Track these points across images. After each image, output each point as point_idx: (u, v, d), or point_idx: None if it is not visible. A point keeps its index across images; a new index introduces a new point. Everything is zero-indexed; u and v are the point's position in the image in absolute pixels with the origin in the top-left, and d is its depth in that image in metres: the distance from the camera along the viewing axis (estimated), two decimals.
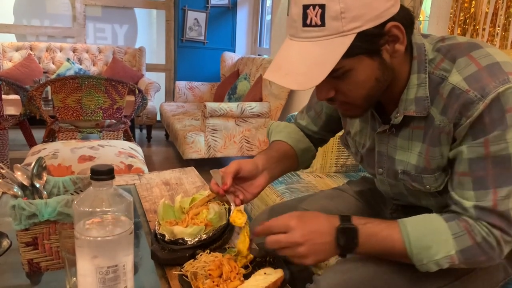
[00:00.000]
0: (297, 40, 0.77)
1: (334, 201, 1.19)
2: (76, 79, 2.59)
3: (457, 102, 0.77)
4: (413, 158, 0.89)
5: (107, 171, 0.63)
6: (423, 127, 0.86)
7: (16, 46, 4.52)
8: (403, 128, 0.89)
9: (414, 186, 0.92)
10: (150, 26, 5.26)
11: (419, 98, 0.83)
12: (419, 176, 0.89)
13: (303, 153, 1.14)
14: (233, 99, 3.82)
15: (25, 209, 0.80)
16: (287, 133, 1.16)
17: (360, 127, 1.02)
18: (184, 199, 1.07)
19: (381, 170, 0.98)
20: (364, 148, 1.02)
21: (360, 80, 0.79)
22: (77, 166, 1.80)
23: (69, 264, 0.77)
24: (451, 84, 0.78)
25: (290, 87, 0.76)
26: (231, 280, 0.78)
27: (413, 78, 0.84)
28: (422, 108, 0.83)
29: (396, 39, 0.77)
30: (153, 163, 3.73)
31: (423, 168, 0.88)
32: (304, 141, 1.16)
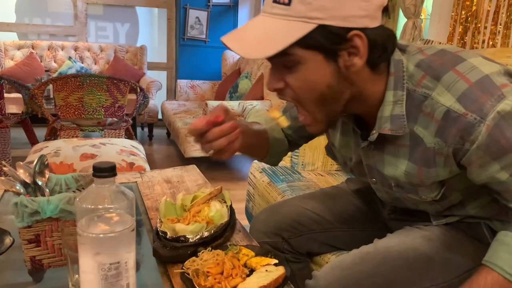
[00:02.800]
0: (264, 14, 0.76)
1: (333, 200, 1.19)
2: (77, 78, 2.60)
3: (455, 126, 0.75)
4: (402, 176, 0.87)
5: (109, 168, 0.63)
6: (408, 146, 0.83)
7: (18, 44, 4.52)
8: (388, 145, 0.86)
9: (410, 197, 0.92)
10: (151, 24, 5.26)
11: (394, 116, 0.81)
12: (413, 189, 0.89)
13: (275, 142, 1.11)
14: (235, 97, 3.82)
15: (27, 206, 0.80)
16: (263, 118, 1.12)
17: (343, 141, 1.00)
18: (186, 197, 1.08)
19: (375, 180, 0.96)
20: (351, 161, 1.00)
21: (310, 80, 0.76)
22: (79, 164, 1.80)
23: (72, 261, 0.77)
24: (444, 106, 0.75)
25: (235, 51, 0.74)
26: (233, 277, 0.78)
27: (388, 95, 0.80)
28: (398, 126, 0.81)
29: (356, 51, 0.74)
30: (155, 162, 3.73)
31: (416, 184, 0.87)
32: (279, 132, 1.12)
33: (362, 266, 0.89)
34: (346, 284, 0.87)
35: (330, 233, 1.15)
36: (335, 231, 1.15)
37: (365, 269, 0.89)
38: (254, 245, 0.96)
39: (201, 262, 0.82)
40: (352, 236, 1.15)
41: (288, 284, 0.82)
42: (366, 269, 0.89)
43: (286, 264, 0.84)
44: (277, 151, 1.13)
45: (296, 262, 1.16)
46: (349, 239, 1.14)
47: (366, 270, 0.89)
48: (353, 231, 1.15)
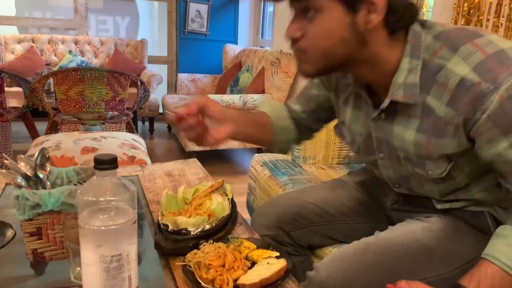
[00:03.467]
0: None
1: (334, 192, 1.19)
2: (78, 71, 2.59)
3: (467, 95, 0.75)
4: (411, 146, 0.88)
5: (111, 160, 0.63)
6: (419, 116, 0.84)
7: (18, 38, 4.51)
8: (399, 116, 0.88)
9: (416, 171, 0.91)
10: (152, 18, 5.24)
11: (408, 84, 0.82)
12: (421, 162, 0.89)
13: (281, 130, 1.12)
14: (235, 91, 3.81)
15: (29, 199, 0.80)
16: (271, 107, 1.15)
17: (354, 115, 1.01)
18: (187, 190, 1.08)
19: (382, 155, 0.97)
20: (360, 137, 1.01)
21: (326, 28, 0.79)
22: (80, 158, 1.80)
23: (73, 254, 0.77)
24: (459, 75, 0.76)
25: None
26: (235, 270, 0.78)
27: (404, 62, 0.82)
28: (410, 94, 0.82)
29: (374, 8, 0.76)
30: (156, 155, 3.73)
31: (424, 156, 0.87)
32: (286, 120, 1.14)
33: (363, 257, 0.90)
34: (347, 275, 0.87)
35: (331, 226, 1.15)
36: (336, 223, 1.15)
37: (366, 260, 0.89)
38: (255, 238, 0.96)
39: (202, 254, 0.82)
40: (353, 229, 1.15)
41: (290, 276, 0.82)
42: (367, 260, 0.89)
43: (288, 257, 0.84)
44: (283, 139, 1.14)
45: (297, 255, 1.17)
46: (350, 232, 1.14)
47: (367, 261, 0.89)
48: (354, 223, 1.15)
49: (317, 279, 0.90)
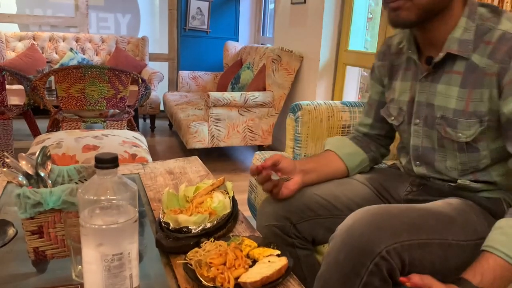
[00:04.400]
0: None
1: (342, 187, 1.19)
2: (79, 69, 2.59)
3: (506, 45, 0.86)
4: (452, 102, 0.96)
5: (111, 159, 0.63)
6: (462, 73, 0.94)
7: (19, 36, 4.51)
8: (444, 74, 0.97)
9: (447, 132, 0.98)
10: (152, 15, 5.23)
11: (463, 40, 0.93)
12: (454, 120, 0.96)
13: (348, 156, 1.22)
14: (236, 88, 3.81)
15: (30, 197, 0.80)
16: (332, 142, 1.26)
17: (402, 86, 1.11)
18: (188, 188, 1.08)
19: (418, 121, 1.05)
20: (405, 105, 1.10)
21: None
22: (81, 156, 1.80)
23: (75, 252, 0.77)
24: (501, 30, 0.88)
25: None
26: (236, 268, 0.78)
27: (462, 21, 0.94)
28: (465, 49, 0.92)
29: None
30: (157, 153, 3.74)
31: (460, 112, 0.95)
32: (349, 146, 1.24)
33: (389, 209, 0.91)
34: (373, 219, 0.86)
35: (337, 220, 1.13)
36: (342, 218, 1.14)
37: (392, 210, 0.90)
38: (256, 236, 0.96)
39: (203, 253, 0.82)
40: None
41: (291, 274, 0.82)
42: (393, 211, 0.89)
43: (289, 255, 0.84)
44: (355, 163, 1.23)
45: (303, 248, 1.16)
46: None
47: (393, 211, 0.89)
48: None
49: (343, 227, 0.89)
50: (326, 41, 3.09)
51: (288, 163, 1.09)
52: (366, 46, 3.02)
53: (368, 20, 3.01)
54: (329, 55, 3.12)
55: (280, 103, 3.38)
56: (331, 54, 3.12)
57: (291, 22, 3.60)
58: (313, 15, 3.18)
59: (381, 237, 0.82)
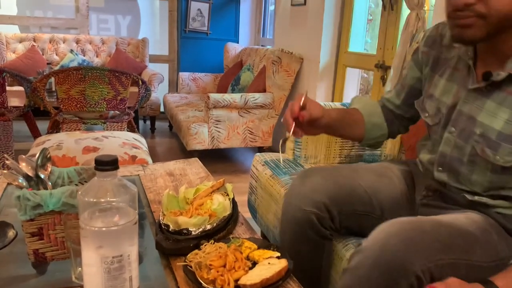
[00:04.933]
0: None
1: (381, 180, 1.16)
2: (79, 70, 2.59)
3: None
4: (499, 123, 0.88)
5: (111, 161, 0.63)
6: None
7: (20, 37, 4.51)
8: (497, 91, 0.89)
9: (484, 152, 0.91)
10: (153, 16, 5.24)
11: None
12: (497, 143, 0.89)
13: (372, 127, 1.18)
14: (237, 90, 3.81)
15: (30, 199, 0.80)
16: (364, 104, 1.21)
17: (447, 86, 1.03)
18: (188, 190, 1.08)
19: (453, 129, 0.98)
20: (446, 108, 1.02)
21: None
22: (82, 157, 1.80)
23: (75, 254, 0.77)
24: None
25: None
26: (236, 270, 0.78)
27: None
28: None
29: None
30: (157, 154, 3.73)
31: (506, 136, 0.87)
32: (378, 116, 1.20)
33: (421, 224, 0.85)
34: (406, 235, 0.82)
35: (367, 217, 1.12)
36: (372, 216, 1.12)
37: (424, 226, 0.84)
38: (256, 238, 0.96)
39: (203, 255, 0.83)
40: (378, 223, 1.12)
41: (291, 276, 0.82)
42: (425, 227, 0.84)
43: (289, 257, 0.84)
44: (373, 136, 1.19)
45: (330, 239, 1.13)
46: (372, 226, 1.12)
47: (426, 227, 0.84)
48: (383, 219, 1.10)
49: (375, 241, 0.83)
50: (326, 43, 3.09)
51: (317, 109, 1.02)
52: (366, 47, 3.02)
53: (368, 22, 3.01)
54: (329, 57, 3.12)
55: (280, 105, 3.38)
56: (331, 55, 3.12)
57: (291, 24, 3.60)
58: (313, 16, 3.19)
59: (417, 256, 0.78)
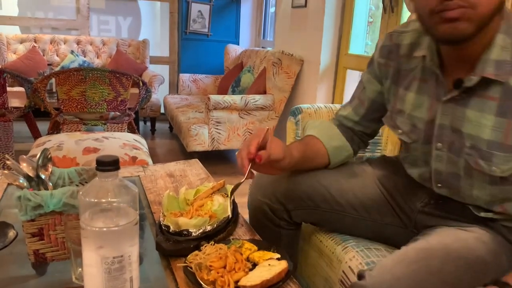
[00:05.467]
0: None
1: (351, 181, 1.12)
2: (80, 71, 2.59)
3: None
4: (486, 132, 0.83)
5: (113, 162, 0.63)
6: (497, 99, 0.81)
7: (21, 38, 4.52)
8: (474, 98, 0.84)
9: (479, 165, 0.86)
10: (153, 18, 5.25)
11: (500, 62, 0.80)
12: (489, 152, 0.83)
13: (335, 150, 1.11)
14: (237, 91, 3.81)
15: (30, 200, 0.80)
16: (320, 129, 1.13)
17: (418, 100, 0.96)
18: (189, 191, 1.08)
19: (441, 145, 0.92)
20: (423, 123, 0.96)
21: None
22: (82, 158, 1.81)
23: (75, 255, 0.77)
24: None
25: None
26: (236, 271, 0.78)
27: (498, 38, 0.80)
28: (503, 72, 0.79)
29: None
30: (157, 155, 3.74)
31: (497, 144, 0.82)
32: (339, 139, 1.12)
33: (428, 262, 0.81)
34: (414, 279, 0.79)
35: (336, 215, 1.10)
36: (341, 214, 1.10)
37: (431, 265, 0.81)
38: (257, 239, 0.96)
39: (204, 256, 0.82)
40: (356, 224, 1.10)
41: (291, 278, 0.82)
42: (432, 266, 0.81)
43: (289, 258, 0.84)
44: (339, 159, 1.13)
45: (287, 229, 1.14)
46: (351, 226, 1.11)
47: (433, 267, 0.81)
48: (360, 219, 1.10)
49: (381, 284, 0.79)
50: (326, 45, 3.10)
51: (278, 150, 0.93)
52: (367, 50, 3.03)
53: (368, 24, 3.02)
54: (329, 59, 3.13)
55: (280, 106, 3.38)
56: (332, 57, 3.13)
57: (291, 26, 3.60)
58: (313, 18, 3.19)
59: None
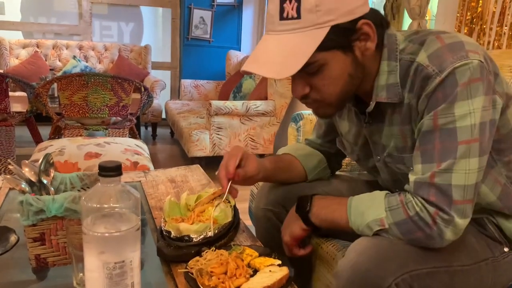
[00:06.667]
0: (274, 33, 0.81)
1: (344, 185, 1.19)
2: (82, 77, 2.60)
3: (419, 77, 0.81)
4: (392, 140, 0.92)
5: (115, 167, 0.64)
6: (399, 112, 0.88)
7: (23, 43, 4.54)
8: (387, 115, 0.91)
9: (400, 169, 0.93)
10: (156, 24, 5.27)
11: (390, 85, 0.86)
12: (400, 156, 0.92)
13: (305, 158, 1.17)
14: (238, 97, 3.82)
15: (32, 205, 0.81)
16: (289, 147, 1.23)
17: (348, 127, 1.05)
18: (190, 197, 1.08)
19: (379, 157, 0.99)
20: (357, 146, 1.05)
21: (334, 75, 0.82)
22: (84, 163, 1.81)
23: (76, 260, 0.78)
24: (417, 62, 0.81)
25: (267, 75, 0.81)
26: (237, 277, 0.78)
27: (383, 65, 0.87)
28: (393, 94, 0.86)
29: (367, 37, 0.81)
30: (159, 161, 3.74)
31: (402, 148, 0.91)
32: (306, 149, 1.20)
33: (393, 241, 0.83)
34: (376, 251, 0.81)
35: None
36: None
37: (397, 242, 0.83)
38: (258, 246, 0.96)
39: (205, 261, 0.82)
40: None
41: (292, 284, 0.82)
42: (398, 242, 0.83)
43: (290, 264, 0.84)
44: (312, 165, 1.18)
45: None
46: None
47: (399, 242, 0.83)
48: None
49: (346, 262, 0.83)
50: None
51: (253, 166, 1.02)
52: None
53: None
54: None
55: (281, 112, 3.38)
56: None
57: None
58: None
59: (388, 269, 0.78)
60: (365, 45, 0.82)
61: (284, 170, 1.15)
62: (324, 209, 0.93)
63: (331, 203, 0.94)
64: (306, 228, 0.97)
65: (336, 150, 1.19)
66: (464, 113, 0.77)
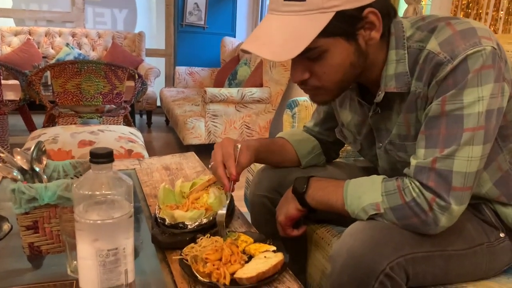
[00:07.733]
0: (277, 13, 0.79)
1: (339, 171, 1.19)
2: (75, 64, 2.58)
3: (430, 65, 0.79)
4: (395, 127, 0.91)
5: (106, 154, 0.63)
6: (407, 100, 0.87)
7: (15, 30, 4.48)
8: (394, 104, 0.90)
9: (400, 156, 0.93)
10: (149, 10, 5.21)
11: (399, 74, 0.85)
12: (402, 144, 0.91)
13: (298, 143, 1.16)
14: (234, 84, 3.80)
15: (25, 193, 0.80)
16: (285, 131, 1.22)
17: (351, 117, 1.04)
18: (185, 184, 1.07)
19: (381, 145, 0.98)
20: (361, 135, 1.04)
21: (335, 63, 0.81)
22: (77, 151, 1.80)
23: (70, 248, 0.77)
24: (427, 49, 0.80)
25: (266, 57, 0.78)
26: (231, 263, 0.78)
27: (391, 54, 0.85)
28: (403, 83, 0.85)
29: (373, 26, 0.80)
30: (153, 149, 3.73)
31: (405, 136, 0.90)
32: (301, 134, 1.19)
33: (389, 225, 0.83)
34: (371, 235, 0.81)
35: None
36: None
37: (392, 226, 0.83)
38: (253, 232, 0.96)
39: (199, 248, 0.82)
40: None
41: (287, 270, 0.82)
42: (394, 226, 0.83)
43: (285, 250, 0.84)
44: (306, 150, 1.17)
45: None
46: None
47: (394, 227, 0.83)
48: None
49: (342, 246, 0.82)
50: None
51: (246, 158, 0.99)
52: None
53: None
54: None
55: (277, 99, 3.37)
56: None
57: None
58: None
59: (383, 253, 0.78)
60: (370, 35, 0.80)
61: (276, 153, 1.14)
62: (321, 191, 0.93)
63: (327, 185, 0.94)
64: (302, 209, 0.97)
65: (334, 139, 1.18)
66: (472, 100, 0.76)
